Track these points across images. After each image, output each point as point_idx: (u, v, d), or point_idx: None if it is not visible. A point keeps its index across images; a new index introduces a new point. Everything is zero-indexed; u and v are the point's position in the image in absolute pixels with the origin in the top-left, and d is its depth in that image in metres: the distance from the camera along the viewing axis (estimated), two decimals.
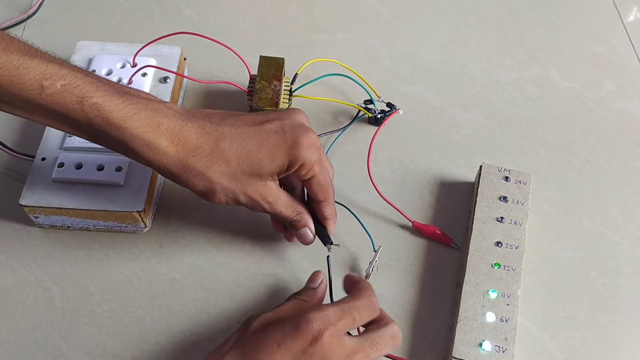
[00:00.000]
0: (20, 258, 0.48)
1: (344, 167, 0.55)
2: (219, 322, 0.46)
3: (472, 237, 0.48)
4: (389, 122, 0.57)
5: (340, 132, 0.56)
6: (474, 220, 0.49)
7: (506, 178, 0.51)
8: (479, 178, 0.51)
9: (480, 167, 0.52)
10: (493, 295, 0.45)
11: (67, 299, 0.47)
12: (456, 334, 0.43)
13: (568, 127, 0.59)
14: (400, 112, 0.57)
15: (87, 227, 0.50)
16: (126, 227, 0.49)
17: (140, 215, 0.48)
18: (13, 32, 0.62)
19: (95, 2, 0.66)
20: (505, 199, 0.50)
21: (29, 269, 0.48)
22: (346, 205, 0.51)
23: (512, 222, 0.49)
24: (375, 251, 0.48)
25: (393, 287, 0.49)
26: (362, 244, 0.50)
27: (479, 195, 0.50)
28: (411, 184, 0.54)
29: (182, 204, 0.52)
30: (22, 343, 0.45)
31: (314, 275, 0.45)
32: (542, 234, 0.52)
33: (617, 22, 0.69)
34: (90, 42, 0.57)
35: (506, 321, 0.44)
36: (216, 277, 0.48)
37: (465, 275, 0.46)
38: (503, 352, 0.43)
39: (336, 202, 0.52)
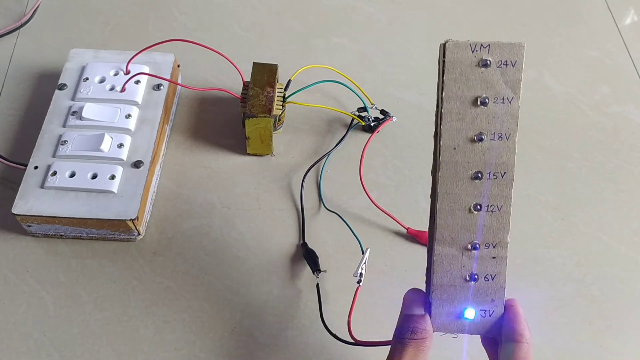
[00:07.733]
0: (13, 267, 0.48)
1: (337, 174, 0.54)
2: (213, 330, 0.46)
3: (439, 174, 0.35)
4: (383, 127, 0.57)
5: (336, 145, 0.56)
6: (441, 148, 0.35)
7: (484, 63, 0.33)
8: (443, 72, 0.34)
9: (443, 47, 0.33)
10: (474, 250, 0.35)
11: (60, 308, 0.46)
12: (432, 306, 0.35)
13: (563, 131, 0.59)
14: (394, 119, 0.57)
15: (80, 236, 0.49)
16: (120, 235, 0.49)
17: (133, 223, 0.47)
18: (6, 40, 0.62)
19: (89, 9, 0.66)
20: (484, 101, 0.34)
21: (22, 278, 0.48)
22: (337, 212, 0.51)
23: (496, 137, 0.34)
24: (363, 253, 0.48)
25: (389, 293, 0.48)
26: (356, 250, 0.50)
27: (444, 103, 0.34)
28: (406, 190, 0.54)
29: (176, 212, 0.52)
30: (15, 352, 0.44)
31: (412, 297, 0.36)
32: (538, 239, 0.52)
33: (611, 26, 0.69)
34: (84, 50, 0.57)
35: (492, 279, 0.35)
36: (210, 285, 0.48)
37: (437, 231, 0.35)
38: (490, 315, 0.36)
39: (328, 209, 0.52)
